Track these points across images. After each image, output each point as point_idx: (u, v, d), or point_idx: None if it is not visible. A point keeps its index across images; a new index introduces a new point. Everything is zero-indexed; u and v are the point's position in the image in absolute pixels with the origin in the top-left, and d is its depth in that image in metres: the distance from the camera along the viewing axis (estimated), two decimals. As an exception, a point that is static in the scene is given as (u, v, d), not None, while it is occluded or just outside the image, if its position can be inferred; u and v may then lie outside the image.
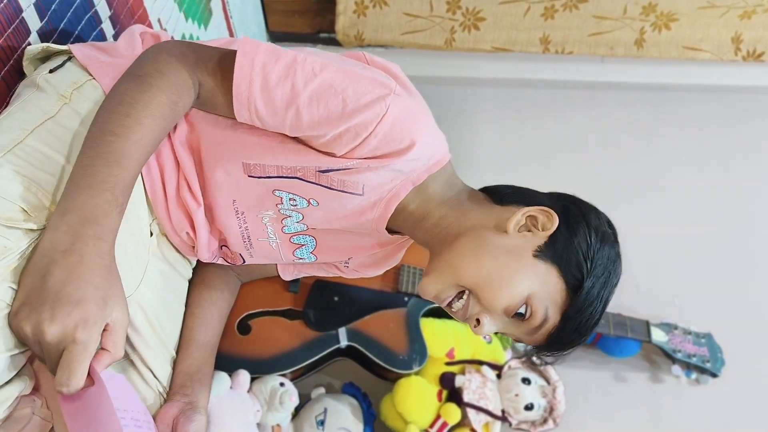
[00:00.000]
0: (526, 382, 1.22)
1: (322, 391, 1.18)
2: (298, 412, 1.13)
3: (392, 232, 0.78)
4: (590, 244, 0.68)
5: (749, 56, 1.74)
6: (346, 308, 1.15)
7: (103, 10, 0.94)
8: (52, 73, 0.72)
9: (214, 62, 0.68)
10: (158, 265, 0.82)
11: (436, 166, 0.73)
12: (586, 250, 0.68)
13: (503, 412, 1.21)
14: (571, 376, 1.28)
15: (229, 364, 0.99)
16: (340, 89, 0.66)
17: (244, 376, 1.00)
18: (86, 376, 0.55)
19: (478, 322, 0.69)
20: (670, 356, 1.35)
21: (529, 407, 1.20)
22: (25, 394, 0.61)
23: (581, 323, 0.68)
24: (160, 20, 1.14)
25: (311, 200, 0.74)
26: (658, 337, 1.34)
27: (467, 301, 0.70)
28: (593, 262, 0.68)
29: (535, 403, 1.20)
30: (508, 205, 0.72)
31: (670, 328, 1.37)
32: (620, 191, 1.65)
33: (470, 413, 1.17)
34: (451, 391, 1.20)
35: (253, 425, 0.98)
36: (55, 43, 0.78)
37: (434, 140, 0.74)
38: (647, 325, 1.35)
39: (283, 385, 1.05)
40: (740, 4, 1.68)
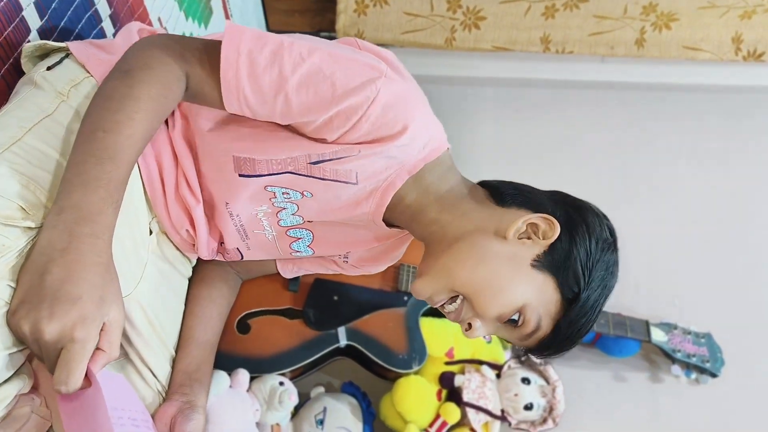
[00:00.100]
0: (525, 381, 1.22)
1: (321, 390, 1.18)
2: (297, 411, 1.13)
3: (391, 225, 0.77)
4: (590, 254, 0.67)
5: (749, 56, 1.74)
6: (345, 307, 1.15)
7: (103, 8, 0.94)
8: (49, 70, 0.72)
9: (200, 51, 0.67)
10: (158, 263, 0.82)
11: (432, 154, 0.72)
12: (585, 260, 0.67)
13: (503, 411, 1.21)
14: (570, 375, 1.28)
15: (228, 363, 0.99)
16: (328, 73, 0.64)
17: (243, 375, 1.00)
18: (84, 376, 0.55)
19: (469, 326, 0.69)
20: (669, 356, 1.35)
21: (528, 407, 1.20)
22: (24, 392, 0.61)
23: (573, 332, 0.68)
24: (160, 19, 1.14)
25: (305, 192, 0.73)
26: (657, 336, 1.34)
27: (460, 305, 0.70)
28: (591, 273, 0.67)
29: (534, 402, 1.20)
30: (509, 206, 0.71)
31: (669, 327, 1.37)
32: (620, 191, 1.65)
33: (470, 413, 1.17)
34: (450, 390, 1.20)
35: (252, 424, 0.98)
36: (55, 41, 0.78)
37: (429, 126, 0.72)
38: (647, 324, 1.35)
39: (282, 384, 1.05)
40: (740, 4, 1.68)
